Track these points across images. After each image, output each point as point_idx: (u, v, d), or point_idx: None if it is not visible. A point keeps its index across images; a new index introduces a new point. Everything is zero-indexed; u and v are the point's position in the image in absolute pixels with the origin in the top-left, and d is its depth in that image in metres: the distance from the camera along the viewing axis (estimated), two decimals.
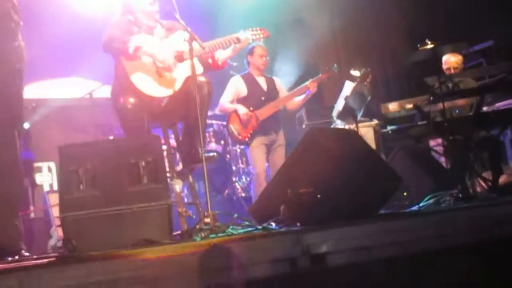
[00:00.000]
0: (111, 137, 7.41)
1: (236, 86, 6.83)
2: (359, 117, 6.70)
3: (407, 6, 9.09)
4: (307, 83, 6.85)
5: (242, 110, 6.63)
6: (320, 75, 6.97)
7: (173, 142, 5.31)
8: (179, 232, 4.06)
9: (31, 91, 8.33)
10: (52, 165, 8.18)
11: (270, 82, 6.97)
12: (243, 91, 6.80)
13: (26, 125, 8.24)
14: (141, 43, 4.62)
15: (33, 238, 6.06)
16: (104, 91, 7.09)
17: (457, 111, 6.07)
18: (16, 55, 4.20)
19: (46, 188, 7.73)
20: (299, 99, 6.94)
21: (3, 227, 3.97)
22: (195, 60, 4.53)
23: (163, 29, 4.94)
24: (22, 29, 4.36)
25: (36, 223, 6.50)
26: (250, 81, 6.85)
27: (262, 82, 6.91)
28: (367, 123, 7.45)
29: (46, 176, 7.79)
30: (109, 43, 4.61)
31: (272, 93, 6.89)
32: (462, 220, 3.71)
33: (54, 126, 8.69)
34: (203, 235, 3.69)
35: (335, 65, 7.14)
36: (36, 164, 7.89)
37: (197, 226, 3.96)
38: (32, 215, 6.78)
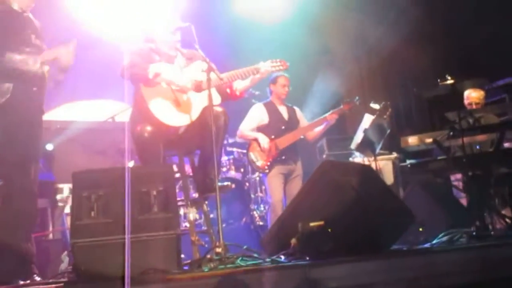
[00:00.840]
0: (132, 162, 7.47)
1: (258, 114, 6.88)
2: (377, 150, 6.68)
3: (432, 38, 9.08)
4: (327, 114, 6.86)
5: (263, 139, 6.67)
6: (341, 106, 6.96)
7: (189, 169, 5.34)
8: (189, 261, 4.07)
9: (57, 113, 8.48)
10: None
11: (291, 112, 7.01)
12: (265, 119, 6.84)
13: (50, 146, 8.36)
14: (160, 70, 4.68)
15: (50, 259, 6.09)
16: (127, 115, 7.18)
17: (477, 147, 6.02)
18: (34, 79, 4.30)
19: (67, 209, 7.77)
20: (318, 129, 6.94)
21: (16, 250, 4.04)
22: (213, 90, 4.58)
23: (183, 58, 5.00)
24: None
25: (54, 244, 6.52)
26: (271, 109, 6.90)
27: (283, 111, 6.95)
28: (386, 156, 7.43)
29: (67, 198, 7.83)
30: (129, 69, 4.68)
31: (292, 122, 6.93)
32: (473, 259, 3.69)
33: (77, 148, 8.77)
34: (212, 265, 3.70)
35: (357, 97, 7.14)
36: (58, 185, 7.93)
37: (208, 256, 3.96)
38: (51, 236, 6.82)
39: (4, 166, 4.15)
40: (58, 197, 7.75)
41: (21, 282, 3.89)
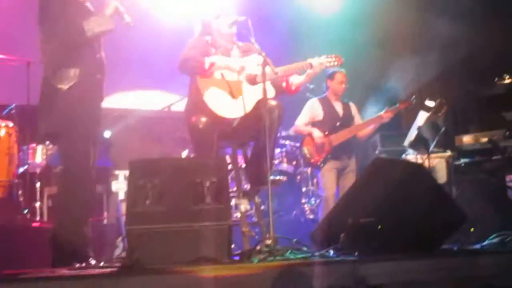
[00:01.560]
0: (186, 150, 7.60)
1: (312, 109, 6.90)
2: (431, 148, 6.62)
3: (491, 35, 8.91)
4: (382, 112, 6.79)
5: (317, 134, 6.70)
6: (397, 105, 6.90)
7: (241, 161, 5.41)
8: (239, 251, 4.15)
9: (114, 101, 8.67)
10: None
11: (346, 108, 6.99)
12: (319, 114, 6.86)
13: (107, 134, 8.57)
14: (215, 59, 4.76)
15: (104, 244, 6.26)
16: (182, 105, 7.30)
17: None
18: (97, 67, 4.44)
19: (121, 196, 7.96)
20: (370, 127, 6.91)
21: (74, 234, 4.19)
22: (267, 84, 4.63)
23: (239, 51, 5.07)
24: (109, 42, 4.63)
25: (108, 229, 6.71)
26: (326, 105, 6.90)
27: (338, 107, 6.94)
28: (440, 154, 7.34)
29: (122, 184, 7.99)
30: (184, 62, 4.78)
31: (347, 119, 6.91)
32: None
33: (133, 136, 8.97)
34: (261, 257, 3.76)
35: (414, 96, 7.05)
36: (114, 172, 8.12)
37: (257, 248, 4.03)
38: (105, 221, 7.01)
39: (67, 151, 4.31)
40: (114, 183, 7.95)
41: (77, 265, 4.03)
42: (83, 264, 4.05)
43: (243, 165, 5.25)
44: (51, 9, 4.30)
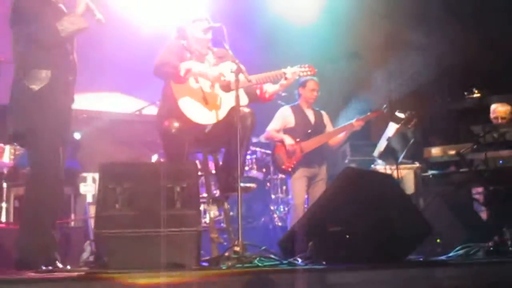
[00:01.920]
0: (156, 155, 7.57)
1: (284, 116, 6.92)
2: (400, 159, 6.70)
3: (461, 50, 9.06)
4: (353, 121, 6.83)
5: (288, 141, 6.71)
6: (368, 113, 6.95)
7: (212, 167, 5.41)
8: (208, 258, 4.15)
9: (82, 102, 8.60)
10: (97, 176, 8.35)
11: (318, 116, 7.02)
12: (291, 122, 6.88)
13: (77, 135, 8.50)
14: (190, 66, 4.76)
15: (70, 247, 6.20)
16: (153, 109, 7.27)
17: (500, 162, 6.02)
18: (69, 68, 4.42)
19: (89, 198, 7.89)
20: (341, 135, 6.95)
21: (40, 236, 4.14)
22: (241, 91, 4.64)
23: (214, 57, 5.07)
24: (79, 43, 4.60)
25: (75, 232, 6.63)
26: (298, 112, 6.93)
27: (310, 114, 6.97)
28: (408, 166, 7.43)
29: (90, 187, 7.94)
30: (160, 67, 4.76)
31: (319, 126, 6.94)
32: (488, 273, 3.71)
33: (102, 138, 8.91)
34: (229, 264, 3.77)
35: (385, 105, 7.11)
36: (82, 174, 8.06)
37: (226, 254, 4.03)
38: (72, 223, 6.95)
39: (36, 152, 4.27)
40: (82, 185, 7.89)
41: (44, 268, 3.98)
42: (50, 267, 4.01)
43: (213, 171, 5.24)
44: (24, 10, 4.27)
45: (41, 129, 4.21)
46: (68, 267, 4.25)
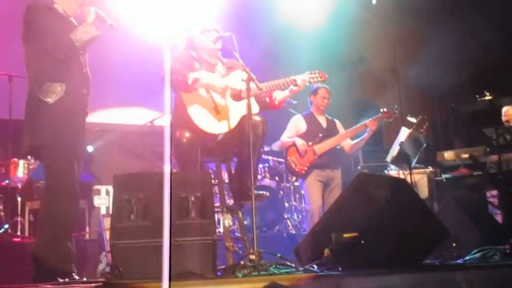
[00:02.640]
0: (168, 165, 7.58)
1: (296, 125, 6.95)
2: (413, 164, 6.68)
3: (471, 52, 9.04)
4: (366, 121, 6.82)
5: (299, 142, 6.72)
6: (380, 114, 6.93)
7: (225, 176, 5.41)
8: (223, 266, 4.15)
9: (95, 116, 8.64)
10: (111, 189, 8.37)
11: (331, 122, 7.01)
12: (303, 128, 6.89)
13: (90, 148, 8.54)
14: (199, 76, 4.77)
15: (86, 259, 6.22)
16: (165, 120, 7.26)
17: None
18: (83, 82, 4.46)
19: (103, 211, 7.92)
20: (356, 140, 6.92)
21: (57, 248, 4.16)
22: (252, 99, 4.65)
23: (224, 67, 5.08)
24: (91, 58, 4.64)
25: (90, 244, 6.67)
26: (310, 119, 6.96)
27: (322, 120, 6.97)
28: (422, 170, 7.41)
29: (104, 199, 7.97)
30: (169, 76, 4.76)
31: (331, 131, 6.90)
32: (505, 277, 3.69)
33: (115, 150, 8.96)
34: (245, 272, 3.76)
35: (396, 106, 7.08)
36: (96, 187, 8.09)
37: (242, 263, 4.03)
38: (87, 236, 6.97)
39: (52, 165, 4.30)
40: (96, 198, 7.92)
41: (61, 280, 4.00)
42: (66, 280, 4.02)
43: (227, 180, 5.25)
44: (37, 25, 4.31)
45: (57, 142, 4.25)
46: (85, 279, 4.26)
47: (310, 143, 6.72)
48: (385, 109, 6.99)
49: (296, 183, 8.04)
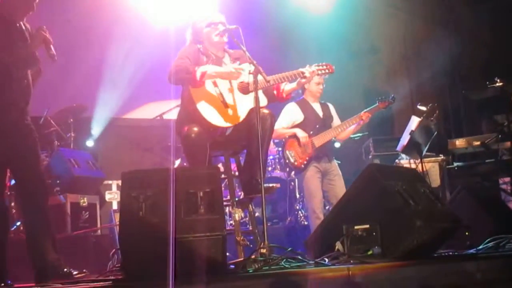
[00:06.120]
0: (179, 160, 7.58)
1: (292, 113, 6.71)
2: (424, 152, 6.62)
3: (481, 39, 8.97)
4: (361, 113, 6.69)
5: (301, 133, 6.51)
6: (376, 104, 6.79)
7: (234, 169, 5.39)
8: (234, 261, 4.13)
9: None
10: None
11: (325, 108, 6.81)
12: (299, 117, 6.68)
13: (90, 143, 8.54)
14: (206, 69, 4.74)
15: (98, 254, 6.23)
16: (174, 114, 7.23)
17: None
18: (22, 94, 4.43)
19: (114, 206, 7.93)
20: (350, 129, 6.75)
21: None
22: (260, 92, 4.61)
23: (231, 60, 5.05)
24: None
25: (102, 240, 6.68)
26: (305, 107, 6.73)
27: (317, 108, 6.76)
28: (433, 159, 7.34)
29: (116, 194, 7.96)
30: (174, 75, 4.73)
31: (327, 120, 6.72)
32: None
33: (125, 145, 8.97)
34: (256, 266, 3.74)
35: (392, 95, 6.92)
36: (106, 182, 8.09)
37: (252, 257, 4.01)
38: (99, 232, 6.97)
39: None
40: (107, 193, 7.92)
41: (75, 274, 4.03)
42: (77, 275, 4.04)
43: (236, 173, 5.22)
44: None
45: None
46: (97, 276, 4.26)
47: (311, 132, 6.56)
48: (381, 98, 6.82)
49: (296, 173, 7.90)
